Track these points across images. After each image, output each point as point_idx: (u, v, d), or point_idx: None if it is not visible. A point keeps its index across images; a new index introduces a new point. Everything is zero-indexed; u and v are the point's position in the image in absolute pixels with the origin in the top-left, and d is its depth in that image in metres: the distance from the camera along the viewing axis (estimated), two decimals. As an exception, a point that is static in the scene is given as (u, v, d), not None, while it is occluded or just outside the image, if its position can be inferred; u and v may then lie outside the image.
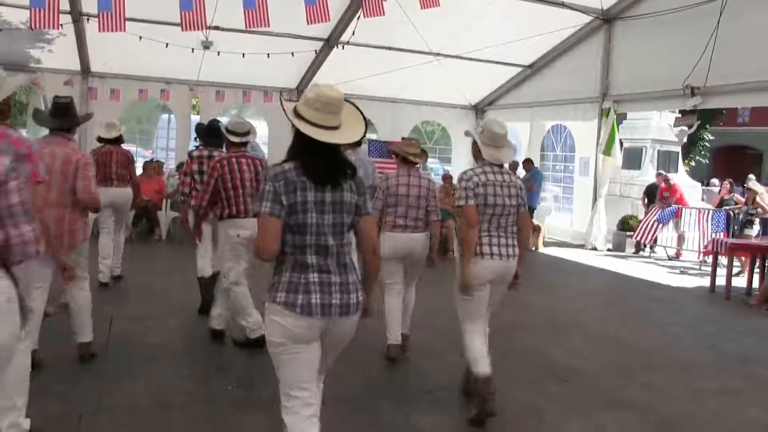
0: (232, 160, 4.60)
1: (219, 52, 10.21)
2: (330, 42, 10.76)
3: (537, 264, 9.68)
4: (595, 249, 11.20)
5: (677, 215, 10.87)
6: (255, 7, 7.53)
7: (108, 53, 10.37)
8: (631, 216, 11.85)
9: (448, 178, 11.31)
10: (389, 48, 11.03)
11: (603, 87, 11.06)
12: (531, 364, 4.73)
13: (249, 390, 3.88)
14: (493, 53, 11.28)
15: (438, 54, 11.34)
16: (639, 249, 11.38)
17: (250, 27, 7.72)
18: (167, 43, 9.47)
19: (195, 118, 12.30)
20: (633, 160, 14.15)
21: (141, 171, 9.44)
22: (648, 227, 10.82)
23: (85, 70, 11.10)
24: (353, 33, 9.61)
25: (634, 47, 10.44)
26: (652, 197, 11.57)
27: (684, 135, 14.66)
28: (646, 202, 11.78)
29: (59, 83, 10.52)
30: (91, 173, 3.95)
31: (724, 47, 8.61)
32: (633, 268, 9.77)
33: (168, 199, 10.10)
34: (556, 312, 6.48)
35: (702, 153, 21.35)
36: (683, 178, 14.14)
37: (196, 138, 6.08)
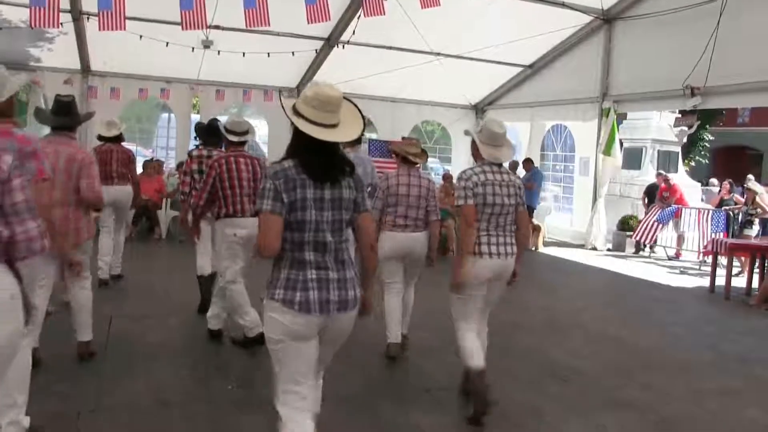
0: (230, 159, 4.59)
1: (219, 51, 10.22)
2: (330, 41, 10.76)
3: (537, 264, 9.68)
4: (595, 249, 11.20)
5: (677, 215, 10.87)
6: (255, 7, 7.53)
7: (108, 52, 10.37)
8: (631, 216, 11.85)
9: (448, 177, 11.31)
10: (389, 47, 11.03)
11: (603, 87, 11.06)
12: (531, 364, 4.73)
13: (249, 389, 3.88)
14: (494, 53, 11.28)
15: (438, 54, 11.34)
16: (639, 249, 11.38)
17: (250, 26, 7.72)
18: (167, 42, 9.48)
19: (195, 117, 12.31)
20: (633, 160, 14.15)
21: (141, 170, 9.43)
22: (648, 227, 10.82)
23: (86, 68, 11.10)
24: (353, 32, 9.61)
25: (634, 47, 10.44)
26: (652, 197, 11.56)
27: (684, 135, 14.66)
28: (646, 202, 11.78)
29: (59, 82, 10.53)
30: (95, 172, 3.96)
31: (724, 47, 8.61)
32: (633, 268, 9.77)
33: (168, 198, 10.10)
34: (556, 312, 6.48)
35: (702, 153, 21.35)
36: (683, 178, 14.14)
37: (196, 137, 6.08)
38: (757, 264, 8.10)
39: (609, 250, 11.35)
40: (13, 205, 2.11)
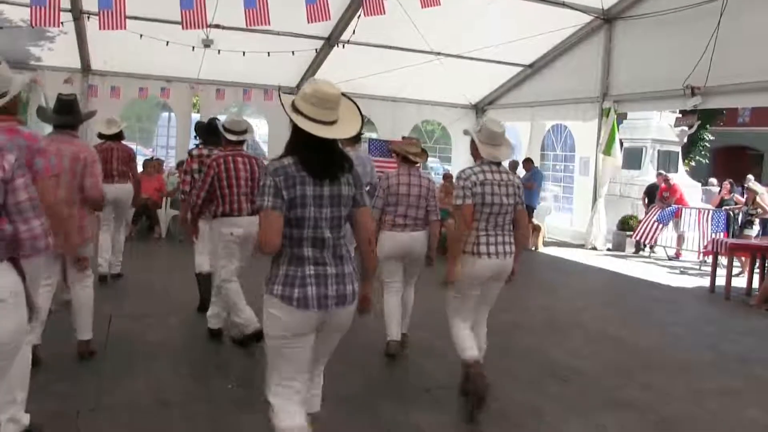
0: (228, 158, 4.60)
1: (219, 50, 10.21)
2: (330, 41, 10.76)
3: (537, 264, 9.68)
4: (595, 249, 11.20)
5: (677, 215, 10.87)
6: (255, 6, 7.53)
7: (108, 51, 10.36)
8: (631, 216, 11.85)
9: (448, 177, 11.31)
10: (390, 47, 11.02)
11: (603, 87, 11.06)
12: (531, 364, 4.73)
13: (249, 389, 3.87)
14: (494, 53, 11.28)
15: (438, 53, 11.34)
16: (639, 249, 11.38)
17: (250, 25, 7.72)
18: (168, 42, 9.48)
19: (195, 116, 12.30)
20: (633, 160, 14.14)
21: (141, 169, 9.43)
22: (648, 227, 10.82)
23: (86, 67, 11.10)
24: (354, 32, 9.61)
25: (634, 47, 10.44)
26: (652, 197, 11.56)
27: (684, 135, 14.65)
28: (646, 202, 11.78)
29: (59, 81, 10.53)
30: (99, 170, 3.97)
31: (724, 47, 8.61)
32: (633, 268, 9.77)
33: (168, 198, 10.10)
34: (556, 312, 6.48)
35: (702, 153, 21.34)
36: (683, 178, 14.13)
37: (196, 136, 6.08)
38: (758, 264, 8.10)
39: (609, 250, 11.35)
40: (17, 204, 2.12)
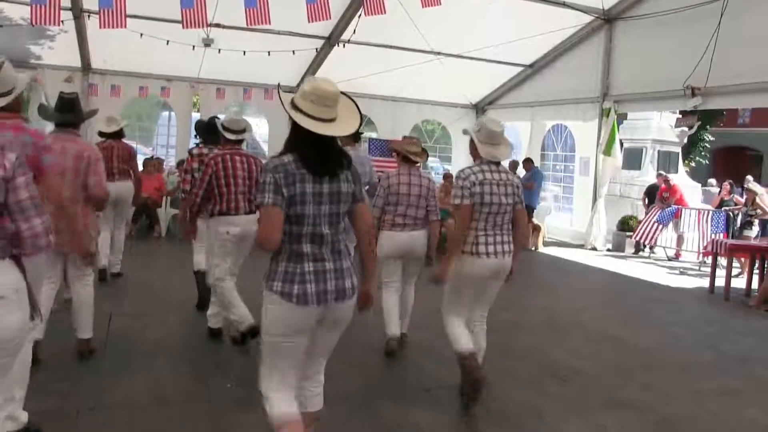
0: (226, 157, 4.60)
1: (220, 49, 10.19)
2: (331, 40, 10.75)
3: (537, 264, 9.68)
4: (595, 249, 11.19)
5: (677, 216, 10.87)
6: (256, 5, 7.51)
7: (109, 50, 10.35)
8: (631, 216, 11.85)
9: (448, 177, 11.30)
10: (390, 47, 11.01)
11: (603, 87, 11.05)
12: (531, 364, 4.73)
13: (248, 388, 3.85)
14: (494, 52, 11.27)
15: (439, 53, 11.33)
16: (638, 249, 11.38)
17: (251, 25, 7.71)
18: (168, 41, 9.47)
19: (195, 115, 12.30)
20: (633, 160, 14.15)
21: (141, 168, 9.42)
22: (648, 228, 10.82)
23: (86, 66, 11.08)
24: (354, 31, 9.60)
25: (634, 47, 10.43)
26: (652, 198, 11.56)
27: (684, 136, 14.66)
28: (646, 202, 11.78)
29: (60, 79, 10.51)
30: (102, 168, 3.98)
31: (724, 48, 8.60)
32: (632, 268, 9.77)
33: (168, 197, 10.10)
34: (556, 312, 6.47)
35: (702, 154, 21.35)
36: (683, 178, 14.14)
37: (196, 135, 6.08)
38: (757, 265, 8.10)
39: (609, 250, 11.34)
40: (18, 203, 2.13)
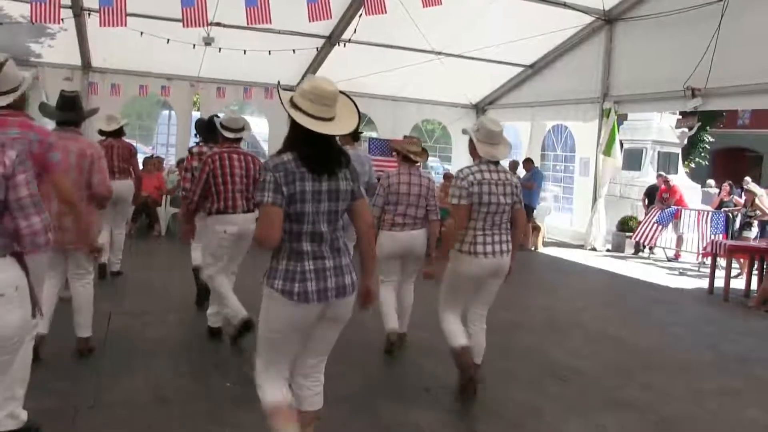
0: (223, 155, 4.60)
1: (220, 48, 10.17)
2: (331, 39, 10.74)
3: (537, 264, 9.68)
4: (595, 249, 11.19)
5: (676, 216, 10.87)
6: (257, 4, 7.52)
7: (109, 48, 10.34)
8: (631, 217, 11.85)
9: (449, 176, 11.29)
10: (391, 46, 11.00)
11: (604, 87, 11.05)
12: (531, 364, 4.72)
13: (247, 387, 3.83)
14: (495, 53, 11.26)
15: (439, 53, 11.32)
16: (638, 250, 11.39)
17: (251, 24, 7.70)
18: (168, 39, 9.45)
19: (196, 114, 12.29)
20: (633, 161, 14.15)
21: (141, 167, 9.42)
22: (648, 229, 10.81)
23: (86, 65, 11.07)
24: (355, 31, 9.60)
25: (635, 48, 10.43)
26: (652, 198, 11.56)
27: (684, 137, 14.67)
28: (646, 203, 11.78)
29: (59, 78, 10.50)
30: (105, 166, 3.97)
31: (725, 49, 8.60)
32: (632, 268, 9.77)
33: (167, 196, 10.09)
34: (556, 312, 6.47)
35: (702, 155, 21.37)
36: (683, 179, 14.15)
37: (196, 134, 6.08)
38: (756, 266, 8.10)
39: (608, 250, 11.34)
40: (18, 200, 2.13)
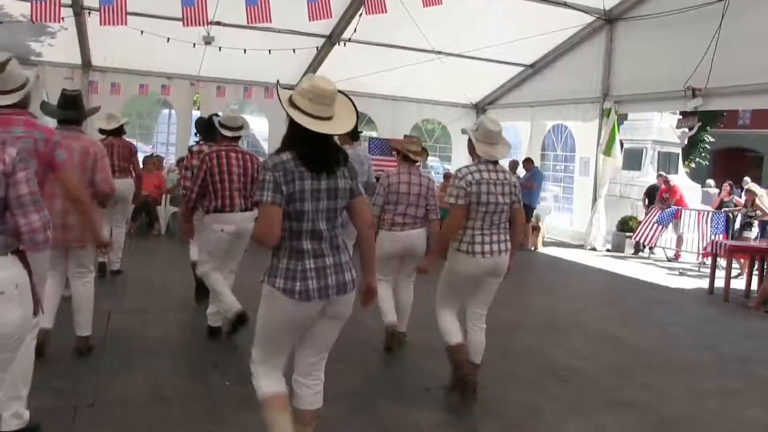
0: (221, 153, 4.60)
1: (220, 47, 10.16)
2: (332, 39, 10.74)
3: (537, 264, 9.68)
4: (595, 249, 11.19)
5: (677, 217, 10.87)
6: (257, 3, 7.52)
7: (109, 47, 10.35)
8: (631, 217, 11.85)
9: (449, 176, 11.28)
10: (391, 46, 11.00)
11: (604, 87, 11.04)
12: (531, 364, 4.72)
13: (247, 386, 3.84)
14: (495, 52, 11.26)
15: (439, 52, 11.32)
16: (638, 250, 11.38)
17: (251, 23, 7.70)
18: (168, 38, 9.45)
19: (196, 113, 12.29)
20: (633, 160, 14.15)
21: (141, 166, 9.42)
22: (648, 229, 10.81)
23: (86, 63, 11.08)
24: (355, 30, 9.60)
25: (635, 48, 10.42)
26: (652, 198, 11.56)
27: (685, 137, 14.66)
28: (646, 203, 11.78)
29: (60, 77, 10.49)
30: (108, 164, 3.98)
31: (725, 49, 8.59)
32: (632, 268, 9.76)
33: (167, 194, 10.09)
34: (556, 312, 6.47)
35: (702, 155, 21.37)
36: (683, 179, 14.14)
37: (196, 133, 6.08)
38: (756, 266, 8.09)
39: (608, 250, 11.34)
40: (18, 198, 2.13)
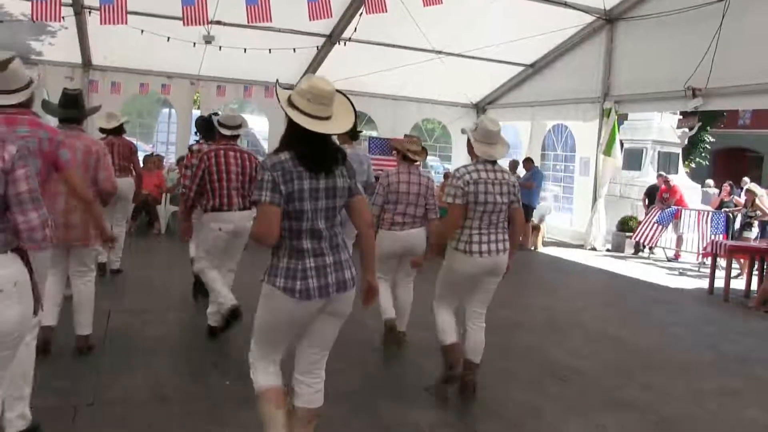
0: (219, 152, 4.60)
1: (221, 46, 10.15)
2: (332, 38, 10.73)
3: (537, 264, 9.68)
4: (594, 249, 11.19)
5: (677, 217, 10.86)
6: (257, 3, 7.51)
7: (109, 46, 10.34)
8: (631, 217, 11.85)
9: (449, 176, 11.27)
10: (391, 45, 10.99)
11: (604, 87, 11.04)
12: (531, 364, 4.72)
13: (247, 385, 3.84)
14: (495, 52, 11.25)
15: (440, 52, 11.31)
16: (638, 250, 11.38)
17: (252, 22, 7.69)
18: (169, 37, 9.44)
19: (196, 112, 12.28)
20: (633, 160, 14.15)
21: (141, 165, 9.42)
22: (648, 229, 10.81)
23: (86, 63, 11.07)
24: (355, 30, 9.60)
25: (636, 48, 10.42)
26: (652, 198, 11.56)
27: (685, 137, 14.66)
28: (646, 203, 11.78)
29: (60, 76, 10.50)
30: (110, 163, 3.99)
31: (726, 49, 8.59)
32: (632, 268, 9.76)
33: (167, 194, 10.09)
34: (556, 312, 6.47)
35: (702, 155, 21.37)
36: (683, 179, 14.14)
37: (196, 132, 6.09)
38: (756, 266, 8.09)
39: (608, 250, 11.34)
40: (17, 195, 2.12)
